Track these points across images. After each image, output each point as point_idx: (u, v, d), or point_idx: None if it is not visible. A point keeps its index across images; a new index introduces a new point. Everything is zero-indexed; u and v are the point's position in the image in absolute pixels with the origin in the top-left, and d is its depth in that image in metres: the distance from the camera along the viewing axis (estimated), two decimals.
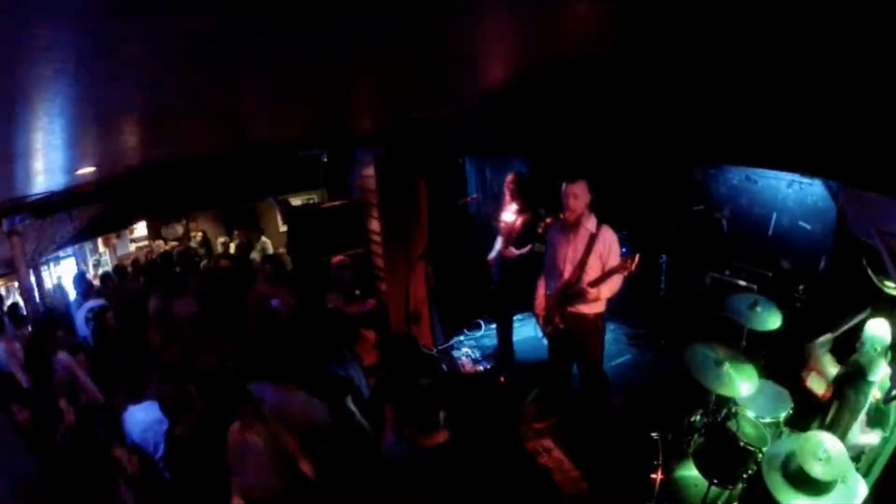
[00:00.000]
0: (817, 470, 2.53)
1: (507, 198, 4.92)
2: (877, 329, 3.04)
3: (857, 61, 1.55)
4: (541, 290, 4.13)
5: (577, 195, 3.67)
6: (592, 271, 3.70)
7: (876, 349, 3.01)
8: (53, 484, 2.59)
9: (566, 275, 3.82)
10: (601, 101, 3.09)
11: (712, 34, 1.51)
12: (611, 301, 3.87)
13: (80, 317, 4.79)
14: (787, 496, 2.60)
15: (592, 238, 3.70)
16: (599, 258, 3.69)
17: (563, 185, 3.73)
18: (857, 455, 2.96)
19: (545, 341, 4.44)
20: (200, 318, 4.53)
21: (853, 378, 3.15)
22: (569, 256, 3.79)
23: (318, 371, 3.18)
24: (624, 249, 3.66)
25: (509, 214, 4.93)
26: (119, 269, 6.28)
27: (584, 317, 3.84)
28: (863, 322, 3.23)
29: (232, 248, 7.35)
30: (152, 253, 7.27)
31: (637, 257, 3.45)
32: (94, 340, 4.53)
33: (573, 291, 3.77)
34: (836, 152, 1.74)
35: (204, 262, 7.04)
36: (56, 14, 0.75)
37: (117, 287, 5.66)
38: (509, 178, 4.93)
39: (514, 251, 4.88)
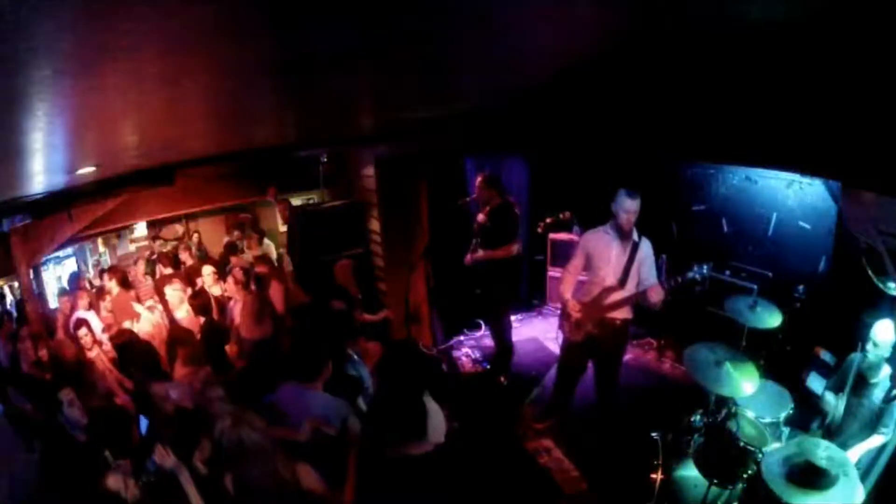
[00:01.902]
0: (821, 460, 2.52)
1: (479, 198, 4.88)
2: (888, 332, 3.02)
3: (857, 60, 1.55)
4: (567, 296, 4.00)
5: (636, 211, 3.66)
6: (633, 280, 3.70)
7: (888, 351, 3.00)
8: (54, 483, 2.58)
9: (608, 281, 3.82)
10: (602, 102, 3.09)
11: (714, 31, 1.51)
12: None
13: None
14: (790, 494, 2.59)
15: (636, 247, 3.72)
16: (639, 268, 3.72)
17: (625, 200, 3.65)
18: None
19: (549, 345, 4.40)
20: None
21: (854, 383, 3.15)
22: (612, 263, 3.79)
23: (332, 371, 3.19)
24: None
25: (481, 215, 4.92)
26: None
27: (615, 322, 3.86)
28: None
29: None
30: (152, 253, 7.27)
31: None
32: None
33: (619, 298, 3.77)
34: (836, 152, 1.74)
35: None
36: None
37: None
38: (478, 179, 4.90)
39: (479, 253, 4.82)
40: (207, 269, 5.29)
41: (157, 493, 2.33)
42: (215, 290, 5.17)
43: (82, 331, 4.18)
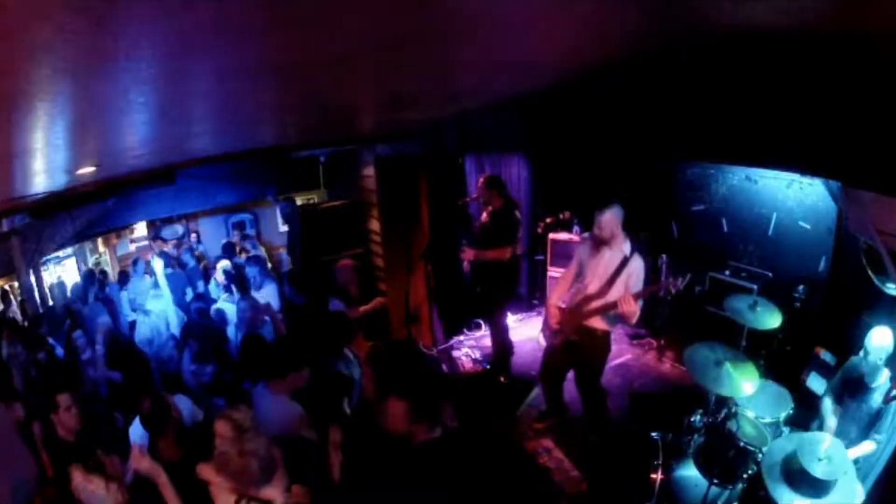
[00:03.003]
0: (818, 469, 2.53)
1: (480, 199, 4.89)
2: (882, 339, 3.03)
3: (856, 59, 1.55)
4: (552, 300, 4.09)
5: (602, 226, 3.70)
6: (616, 292, 3.70)
7: (881, 358, 3.01)
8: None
9: (590, 289, 3.82)
10: (603, 103, 3.09)
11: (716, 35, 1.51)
12: None
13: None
14: (787, 497, 2.60)
15: (625, 261, 3.71)
16: (625, 282, 3.70)
17: (596, 213, 3.74)
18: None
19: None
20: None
21: (854, 387, 3.15)
22: (598, 273, 3.78)
23: (321, 370, 3.19)
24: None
25: (484, 215, 4.93)
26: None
27: (596, 332, 3.85)
28: None
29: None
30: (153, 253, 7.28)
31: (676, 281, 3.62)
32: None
33: (596, 307, 3.77)
34: (836, 152, 1.74)
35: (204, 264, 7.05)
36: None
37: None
38: (480, 180, 4.90)
39: (470, 253, 4.84)
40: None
41: (139, 494, 2.31)
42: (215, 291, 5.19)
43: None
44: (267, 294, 5.02)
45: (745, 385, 3.13)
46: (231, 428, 2.33)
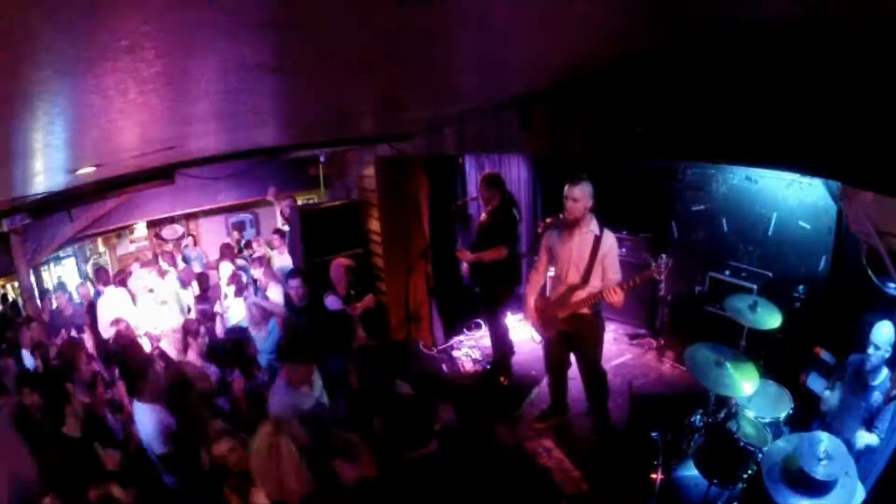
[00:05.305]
0: (818, 470, 2.53)
1: (481, 197, 4.89)
2: (889, 331, 3.03)
3: (857, 59, 1.55)
4: (532, 297, 4.09)
5: (577, 199, 3.64)
6: (596, 276, 3.67)
7: (888, 351, 3.01)
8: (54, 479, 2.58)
9: (570, 279, 3.79)
10: (603, 102, 3.08)
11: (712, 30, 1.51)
12: None
13: None
14: (787, 497, 2.60)
15: (598, 241, 3.68)
16: (602, 263, 3.68)
17: (566, 187, 3.71)
18: (857, 456, 2.96)
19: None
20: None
21: (854, 384, 3.15)
22: (573, 260, 3.76)
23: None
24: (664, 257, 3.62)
25: (483, 214, 4.93)
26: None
27: (586, 316, 3.84)
28: None
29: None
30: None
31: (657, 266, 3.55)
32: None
33: (582, 298, 3.74)
34: (836, 152, 1.74)
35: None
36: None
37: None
38: (481, 177, 4.91)
39: (468, 255, 4.89)
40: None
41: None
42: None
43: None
44: (272, 298, 5.03)
45: (745, 385, 3.13)
46: (235, 445, 2.34)
